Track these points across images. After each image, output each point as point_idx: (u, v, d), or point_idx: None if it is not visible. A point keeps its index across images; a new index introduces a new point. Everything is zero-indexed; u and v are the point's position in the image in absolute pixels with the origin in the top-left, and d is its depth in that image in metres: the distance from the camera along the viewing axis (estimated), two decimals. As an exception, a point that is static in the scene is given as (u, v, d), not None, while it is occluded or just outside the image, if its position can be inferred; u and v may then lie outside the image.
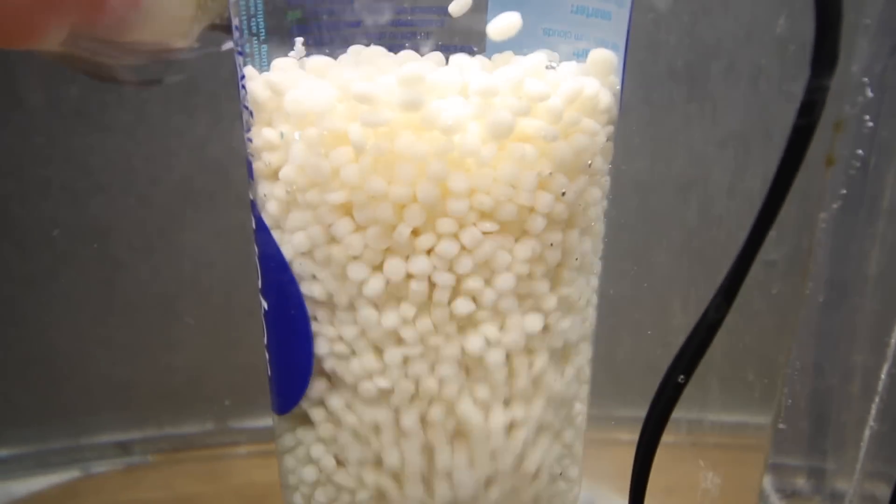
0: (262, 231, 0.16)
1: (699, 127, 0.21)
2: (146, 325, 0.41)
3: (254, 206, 0.16)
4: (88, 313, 0.40)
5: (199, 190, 0.39)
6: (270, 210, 0.15)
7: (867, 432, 0.19)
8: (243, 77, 0.16)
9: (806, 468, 0.22)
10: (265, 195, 0.15)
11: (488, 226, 0.14)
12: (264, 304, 0.17)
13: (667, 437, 0.29)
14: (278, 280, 0.16)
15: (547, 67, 0.15)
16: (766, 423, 0.21)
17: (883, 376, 0.18)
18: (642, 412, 0.20)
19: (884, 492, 0.19)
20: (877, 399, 0.18)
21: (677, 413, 0.28)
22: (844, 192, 0.14)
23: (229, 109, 0.38)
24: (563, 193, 0.14)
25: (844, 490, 0.20)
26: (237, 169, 0.39)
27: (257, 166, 0.16)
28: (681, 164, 0.22)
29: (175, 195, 0.39)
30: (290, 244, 0.15)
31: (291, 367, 0.16)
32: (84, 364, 0.41)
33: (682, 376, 0.15)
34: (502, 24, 0.14)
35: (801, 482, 0.23)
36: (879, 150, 0.13)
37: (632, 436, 0.19)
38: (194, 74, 0.37)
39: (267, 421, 0.43)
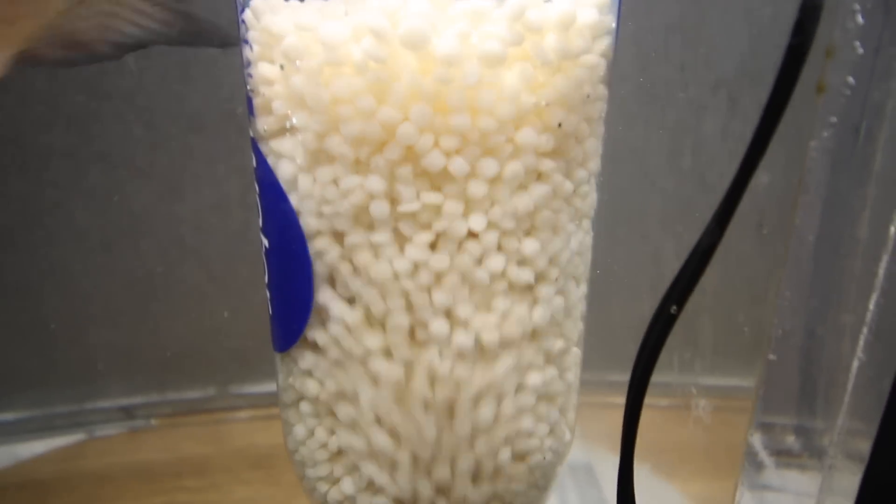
0: (262, 166, 0.16)
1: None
2: (148, 293, 0.41)
3: (254, 144, 0.16)
4: (90, 280, 0.39)
5: (197, 158, 0.39)
6: (271, 144, 0.15)
7: (849, 390, 0.19)
8: (243, 10, 0.16)
9: (794, 427, 0.23)
10: (265, 129, 0.15)
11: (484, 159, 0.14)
12: (265, 243, 0.17)
13: (656, 401, 0.29)
14: (279, 215, 0.15)
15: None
16: (751, 385, 0.21)
17: (863, 334, 0.18)
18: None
19: (865, 448, 0.20)
20: (856, 359, 0.18)
21: (667, 377, 0.28)
22: (835, 119, 0.14)
23: (227, 78, 0.38)
24: (559, 125, 0.14)
25: (828, 447, 0.20)
26: (235, 136, 0.39)
27: (257, 102, 0.16)
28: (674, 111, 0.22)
29: (173, 164, 0.39)
30: (289, 175, 0.15)
31: (292, 302, 0.16)
32: (87, 330, 0.40)
33: (674, 307, 0.15)
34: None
35: (790, 440, 0.23)
36: (871, 78, 0.13)
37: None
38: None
39: (267, 386, 0.44)
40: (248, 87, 0.16)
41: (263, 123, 0.15)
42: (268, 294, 0.18)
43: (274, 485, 0.36)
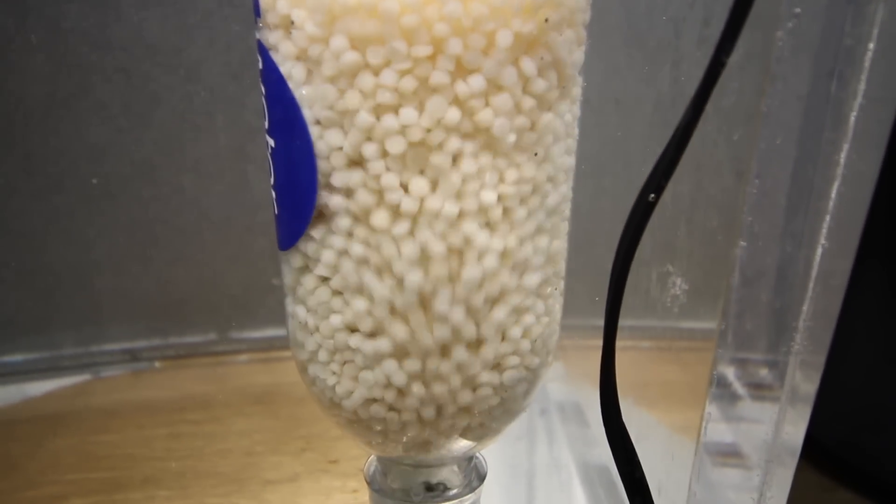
0: (268, 66, 0.16)
1: None
2: (150, 240, 0.41)
3: (260, 45, 0.16)
4: (93, 227, 0.40)
5: (196, 109, 0.39)
6: (275, 43, 0.16)
7: (801, 324, 0.19)
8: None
9: (767, 361, 0.23)
10: (270, 29, 0.16)
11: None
12: (271, 143, 0.17)
13: (638, 343, 0.30)
14: (283, 113, 0.16)
15: None
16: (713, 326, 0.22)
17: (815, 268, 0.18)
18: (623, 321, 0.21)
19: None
20: (808, 294, 0.19)
21: (650, 322, 0.28)
22: (798, 10, 0.14)
23: (225, 29, 0.38)
24: (546, 20, 0.15)
25: (797, 381, 0.21)
26: (233, 87, 0.39)
27: (263, 2, 0.16)
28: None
29: (175, 113, 0.39)
30: (293, 70, 0.15)
31: (296, 197, 0.17)
32: (91, 276, 0.40)
33: (652, 195, 0.16)
34: None
35: (763, 373, 0.24)
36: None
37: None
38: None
39: (266, 331, 0.44)
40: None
41: (268, 23, 0.16)
42: (273, 195, 0.18)
43: (273, 418, 0.36)
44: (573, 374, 0.39)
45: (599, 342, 0.18)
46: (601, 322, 0.17)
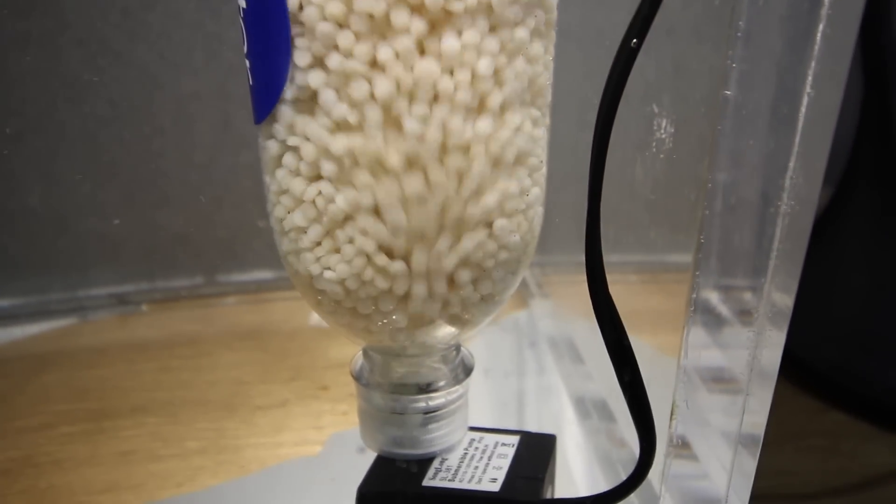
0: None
1: None
2: (133, 183, 0.40)
3: None
4: (75, 170, 0.39)
5: (176, 46, 0.38)
6: None
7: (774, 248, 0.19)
8: None
9: (749, 287, 0.23)
10: None
11: None
12: (242, 3, 0.16)
13: (626, 277, 0.29)
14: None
15: None
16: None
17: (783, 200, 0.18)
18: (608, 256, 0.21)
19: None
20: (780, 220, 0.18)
21: (638, 257, 0.28)
22: None
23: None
24: None
25: (778, 302, 0.20)
26: (212, 24, 0.38)
27: None
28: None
29: (153, 50, 0.38)
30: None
31: (270, 60, 0.16)
32: (75, 221, 0.40)
33: (635, 41, 0.15)
34: None
35: (747, 297, 0.23)
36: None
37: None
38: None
39: (253, 274, 0.44)
40: None
41: None
42: (247, 63, 0.17)
43: (261, 350, 0.36)
44: (563, 311, 0.39)
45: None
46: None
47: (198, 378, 0.33)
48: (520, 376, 0.37)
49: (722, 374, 0.23)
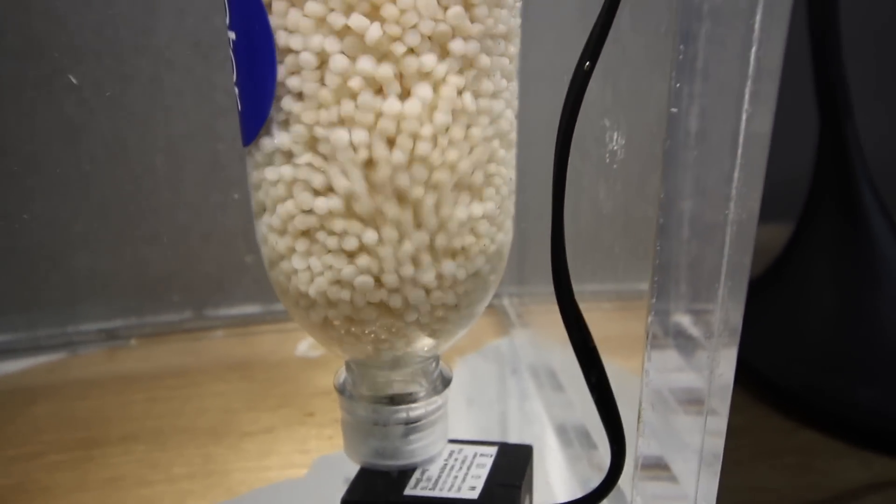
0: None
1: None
2: (124, 220, 0.41)
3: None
4: (68, 208, 0.40)
5: (168, 89, 0.40)
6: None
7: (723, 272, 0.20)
8: None
9: (703, 304, 0.23)
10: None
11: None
12: (232, 37, 0.18)
13: (601, 304, 0.31)
14: (243, 3, 0.17)
15: None
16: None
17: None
18: (582, 286, 0.22)
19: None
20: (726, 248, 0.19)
21: (611, 286, 0.29)
22: None
23: (193, 10, 0.39)
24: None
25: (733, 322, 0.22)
26: (202, 68, 0.40)
27: None
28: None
29: (145, 93, 0.39)
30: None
31: (257, 87, 0.17)
32: (67, 257, 0.41)
33: (587, 63, 0.17)
34: None
35: (711, 319, 0.24)
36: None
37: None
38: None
39: (240, 308, 0.44)
40: None
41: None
42: (236, 92, 0.19)
43: (248, 380, 0.37)
44: (542, 340, 0.40)
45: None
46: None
47: (186, 407, 0.34)
48: (503, 405, 0.38)
49: (697, 396, 0.24)
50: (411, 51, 0.17)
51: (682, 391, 0.23)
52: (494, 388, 0.38)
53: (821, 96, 0.36)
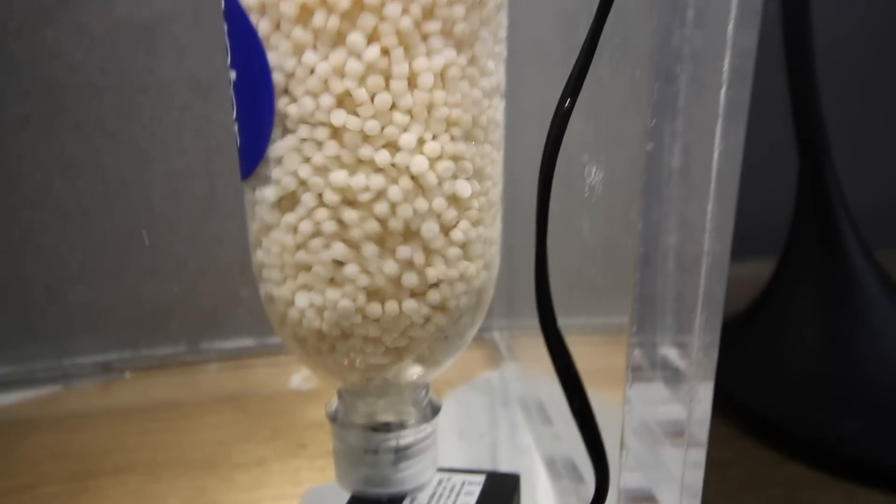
0: (231, 6, 0.18)
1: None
2: (121, 254, 0.42)
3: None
4: (67, 243, 0.41)
5: (167, 126, 0.41)
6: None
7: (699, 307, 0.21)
8: None
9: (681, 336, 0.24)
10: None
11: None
12: (233, 76, 0.19)
13: (590, 338, 0.31)
14: (244, 42, 0.18)
15: None
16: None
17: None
18: (568, 320, 0.23)
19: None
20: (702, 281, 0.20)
21: (596, 320, 0.30)
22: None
23: (192, 50, 0.40)
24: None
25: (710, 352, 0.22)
26: (200, 106, 0.41)
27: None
28: None
29: (145, 130, 0.41)
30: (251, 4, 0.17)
31: (256, 123, 0.18)
32: (65, 291, 0.41)
33: (568, 100, 0.18)
34: None
35: (688, 349, 0.24)
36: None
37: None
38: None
39: (235, 342, 0.45)
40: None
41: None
42: (235, 128, 0.20)
43: (241, 413, 0.37)
44: (532, 374, 0.41)
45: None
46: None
47: (179, 439, 0.34)
48: (493, 437, 0.38)
49: (668, 424, 0.24)
50: (394, 106, 0.18)
51: (665, 422, 0.24)
52: (485, 421, 0.39)
53: (800, 136, 0.38)
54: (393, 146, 0.18)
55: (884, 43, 0.58)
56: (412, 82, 0.18)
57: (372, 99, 0.18)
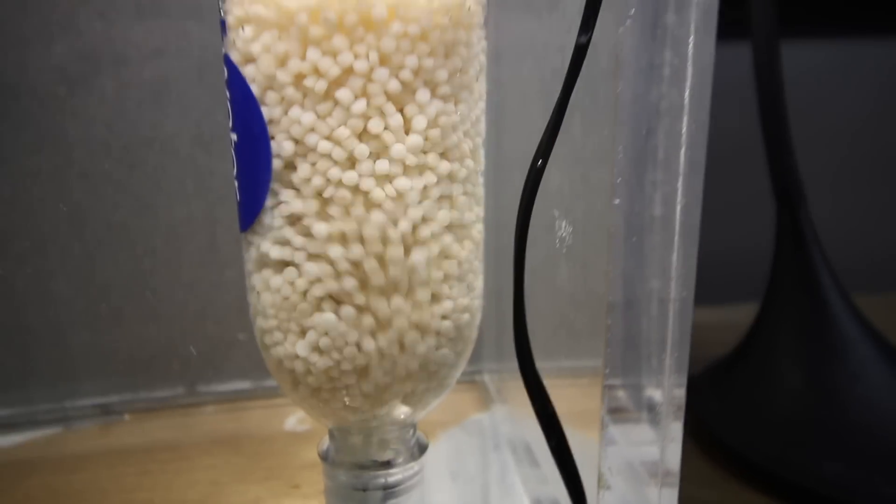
0: (233, 73, 0.20)
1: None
2: (124, 298, 0.43)
3: (226, 57, 0.20)
4: (72, 287, 0.42)
5: (171, 178, 0.43)
6: (239, 47, 0.19)
7: (668, 348, 0.22)
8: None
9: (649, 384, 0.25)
10: (234, 40, 0.20)
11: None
12: (234, 138, 0.20)
13: (574, 381, 0.32)
14: (244, 107, 0.19)
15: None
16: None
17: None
18: (554, 363, 0.24)
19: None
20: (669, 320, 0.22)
21: (576, 363, 0.31)
22: (632, 12, 0.18)
23: (196, 105, 0.42)
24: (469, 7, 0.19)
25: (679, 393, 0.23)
26: (203, 158, 0.43)
27: (228, 20, 0.20)
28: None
29: (150, 181, 0.42)
30: (253, 71, 0.19)
31: (254, 181, 0.20)
32: (67, 334, 0.42)
33: (540, 160, 0.19)
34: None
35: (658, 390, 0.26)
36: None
37: (545, 381, 0.23)
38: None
39: (231, 384, 0.46)
40: (222, 12, 0.20)
41: (232, 38, 0.20)
42: (235, 184, 0.21)
43: (237, 454, 0.38)
44: (519, 416, 0.42)
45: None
46: (540, 364, 0.20)
47: (176, 480, 0.35)
48: (484, 478, 0.39)
49: (643, 465, 0.25)
50: (387, 177, 0.19)
51: (649, 462, 0.25)
52: (476, 462, 0.40)
53: (776, 186, 0.39)
54: (378, 207, 0.19)
55: (857, 96, 0.60)
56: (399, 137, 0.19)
57: (357, 163, 0.19)
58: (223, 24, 0.20)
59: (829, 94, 0.59)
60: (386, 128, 0.19)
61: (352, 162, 0.19)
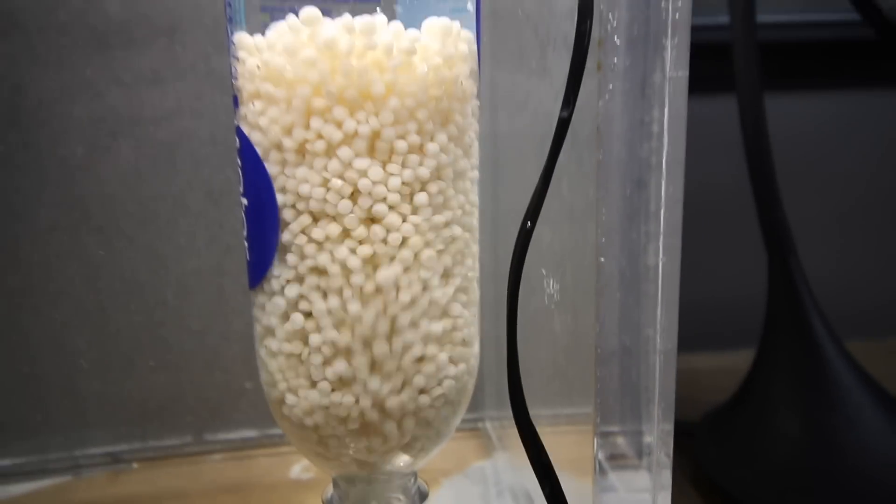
0: (243, 143, 0.21)
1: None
2: (135, 349, 0.44)
3: (238, 129, 0.22)
4: (84, 337, 0.43)
5: (182, 231, 0.44)
6: (251, 120, 0.21)
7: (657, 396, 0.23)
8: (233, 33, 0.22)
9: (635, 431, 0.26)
10: (245, 114, 0.21)
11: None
12: (245, 202, 0.22)
13: (568, 428, 0.33)
14: (254, 174, 0.21)
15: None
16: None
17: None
18: (551, 410, 0.25)
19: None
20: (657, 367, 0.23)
21: (568, 410, 0.32)
22: (611, 87, 0.20)
23: (207, 163, 0.44)
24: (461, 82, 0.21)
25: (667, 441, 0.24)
26: (213, 213, 0.45)
27: (240, 95, 0.22)
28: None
29: (161, 235, 0.44)
30: (262, 139, 0.21)
31: (263, 242, 0.21)
32: (79, 383, 0.44)
33: (528, 222, 0.21)
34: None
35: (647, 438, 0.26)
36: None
37: (543, 427, 0.23)
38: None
39: (238, 433, 0.47)
40: (234, 88, 0.22)
41: (244, 110, 0.21)
42: (245, 244, 0.22)
43: (244, 501, 0.38)
44: (519, 464, 0.42)
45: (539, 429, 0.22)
46: (536, 411, 0.22)
47: (184, 527, 0.36)
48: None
49: None
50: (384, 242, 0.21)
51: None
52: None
53: (766, 236, 0.41)
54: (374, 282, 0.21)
55: (847, 146, 0.62)
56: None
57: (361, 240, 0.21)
58: (235, 99, 0.22)
59: (820, 145, 0.61)
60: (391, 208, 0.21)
61: (351, 239, 0.21)
